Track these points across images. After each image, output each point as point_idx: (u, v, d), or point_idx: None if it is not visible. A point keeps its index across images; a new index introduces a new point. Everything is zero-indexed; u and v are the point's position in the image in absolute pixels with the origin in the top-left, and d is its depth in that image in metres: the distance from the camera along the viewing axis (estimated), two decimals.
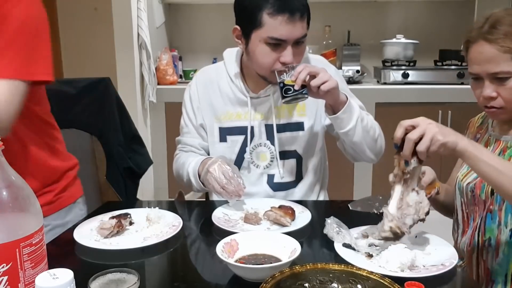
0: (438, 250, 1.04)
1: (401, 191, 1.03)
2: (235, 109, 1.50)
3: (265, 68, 1.38)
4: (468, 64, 1.18)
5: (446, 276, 0.94)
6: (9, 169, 0.78)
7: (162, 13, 3.57)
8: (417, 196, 1.03)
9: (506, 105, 1.14)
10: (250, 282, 0.92)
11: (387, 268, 0.94)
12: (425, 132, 0.99)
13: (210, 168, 1.32)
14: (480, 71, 1.14)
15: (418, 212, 1.02)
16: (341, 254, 1.01)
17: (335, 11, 3.63)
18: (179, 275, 1.07)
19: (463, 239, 1.24)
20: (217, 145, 1.51)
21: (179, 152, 1.57)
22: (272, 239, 1.02)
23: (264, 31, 1.32)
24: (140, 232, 1.19)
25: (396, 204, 1.03)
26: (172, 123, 3.20)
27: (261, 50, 1.35)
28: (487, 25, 1.11)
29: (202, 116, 1.53)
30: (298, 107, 1.49)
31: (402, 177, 1.03)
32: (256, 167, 1.51)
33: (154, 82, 3.26)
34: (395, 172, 1.05)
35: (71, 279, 0.68)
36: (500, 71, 1.10)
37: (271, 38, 1.32)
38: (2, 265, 0.73)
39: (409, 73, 3.23)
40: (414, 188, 1.04)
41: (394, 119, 3.58)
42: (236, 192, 1.29)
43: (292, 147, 1.50)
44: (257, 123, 1.49)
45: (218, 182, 1.29)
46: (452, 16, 3.63)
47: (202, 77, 1.56)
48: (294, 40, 1.33)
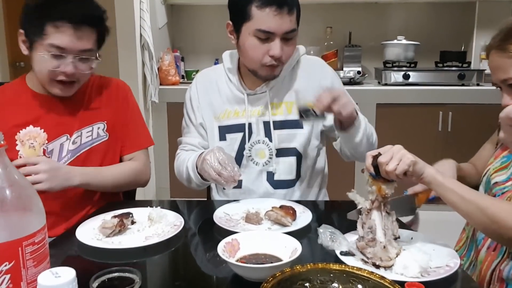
0: (436, 250, 1.04)
1: (382, 216, 1.05)
2: (233, 107, 1.52)
3: (254, 61, 1.39)
4: None
5: (451, 277, 0.93)
6: (12, 168, 0.78)
7: (165, 14, 3.58)
8: (390, 216, 1.07)
9: None
10: (251, 282, 0.92)
11: (407, 275, 0.93)
12: (394, 153, 1.02)
13: (206, 156, 1.33)
14: (494, 79, 1.15)
15: (393, 231, 1.05)
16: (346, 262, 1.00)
17: (337, 13, 3.63)
18: (181, 274, 1.07)
19: (477, 234, 1.22)
20: (217, 143, 1.51)
21: (180, 151, 1.58)
22: (273, 239, 1.03)
23: (252, 23, 1.34)
24: (142, 231, 1.19)
25: (383, 231, 1.04)
26: (174, 123, 3.21)
27: (250, 43, 1.37)
28: (500, 35, 1.11)
29: (202, 115, 1.54)
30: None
31: (382, 202, 1.05)
32: (255, 164, 1.51)
33: (156, 83, 3.26)
34: (372, 198, 1.06)
35: (73, 278, 0.69)
36: (508, 77, 1.10)
37: (259, 31, 1.34)
38: (5, 263, 0.74)
39: (410, 74, 3.24)
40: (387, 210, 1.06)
41: (395, 120, 3.61)
42: (232, 177, 1.29)
43: (291, 144, 1.50)
44: (254, 120, 1.50)
45: (213, 169, 1.30)
46: (452, 17, 3.64)
47: (202, 78, 1.59)
48: (282, 33, 1.34)
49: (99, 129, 1.47)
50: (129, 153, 1.55)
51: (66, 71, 1.33)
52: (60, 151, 1.42)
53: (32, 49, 1.34)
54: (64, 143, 1.42)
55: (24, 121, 1.39)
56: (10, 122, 1.38)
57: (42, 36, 1.30)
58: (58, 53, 1.30)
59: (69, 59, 1.32)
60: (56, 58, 1.31)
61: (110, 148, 1.49)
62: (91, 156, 1.45)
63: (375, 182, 1.05)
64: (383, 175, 1.03)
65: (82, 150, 1.44)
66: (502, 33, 1.11)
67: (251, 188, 1.50)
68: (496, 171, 1.21)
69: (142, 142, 1.58)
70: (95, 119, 1.47)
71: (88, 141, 1.45)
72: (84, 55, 1.34)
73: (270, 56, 1.36)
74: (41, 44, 1.30)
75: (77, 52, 1.32)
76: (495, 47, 1.12)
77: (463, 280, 0.98)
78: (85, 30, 1.32)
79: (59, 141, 1.42)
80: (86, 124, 1.46)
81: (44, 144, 1.40)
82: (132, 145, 1.55)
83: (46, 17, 1.29)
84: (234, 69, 1.52)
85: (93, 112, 1.47)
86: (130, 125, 1.55)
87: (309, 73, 1.53)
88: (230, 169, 1.29)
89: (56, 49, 1.30)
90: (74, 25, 1.30)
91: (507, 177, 1.17)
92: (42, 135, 1.40)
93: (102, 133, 1.48)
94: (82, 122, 1.45)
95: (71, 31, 1.30)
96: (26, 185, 0.80)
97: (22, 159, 1.31)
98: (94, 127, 1.47)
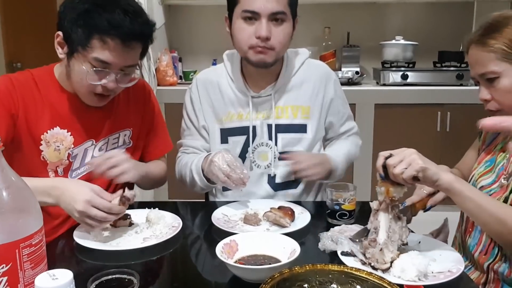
0: (443, 256, 1.04)
1: (389, 219, 1.04)
2: (236, 110, 1.50)
3: (243, 44, 1.39)
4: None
5: (453, 282, 0.93)
6: (9, 170, 0.78)
7: (162, 14, 3.57)
8: (400, 221, 1.05)
9: (502, 108, 1.13)
10: (249, 283, 0.92)
11: (404, 278, 0.93)
12: (404, 156, 1.00)
13: (214, 158, 1.32)
14: (473, 74, 1.16)
15: (401, 237, 1.04)
16: (346, 262, 1.00)
17: (335, 13, 3.63)
18: (179, 275, 1.07)
19: (470, 241, 1.24)
20: (218, 146, 1.51)
21: (181, 154, 1.57)
22: (271, 240, 1.02)
23: (240, 6, 1.36)
24: (140, 233, 1.19)
25: (386, 233, 1.03)
26: (171, 124, 3.17)
27: (238, 26, 1.37)
28: (480, 30, 1.12)
29: (204, 117, 1.53)
30: (303, 109, 1.50)
31: (390, 204, 1.04)
32: (257, 167, 1.51)
33: (154, 83, 3.26)
34: (380, 199, 1.05)
35: (71, 280, 0.69)
36: (486, 72, 1.11)
37: (245, 11, 1.34)
38: (2, 265, 0.73)
39: (408, 75, 3.24)
40: (397, 214, 1.05)
41: (393, 120, 3.61)
42: (241, 180, 1.29)
43: (295, 148, 1.50)
44: (258, 123, 1.49)
45: (222, 171, 1.29)
46: (451, 17, 3.64)
47: (202, 79, 1.57)
48: (268, 13, 1.33)
49: (125, 136, 1.44)
50: (152, 159, 1.53)
51: (108, 87, 1.24)
52: (84, 157, 1.36)
53: (71, 57, 1.22)
54: (88, 149, 1.36)
55: (51, 120, 1.30)
56: (36, 117, 1.28)
57: (86, 48, 1.19)
58: (102, 68, 1.21)
59: (112, 75, 1.23)
60: (98, 73, 1.22)
61: (133, 155, 1.42)
62: None
63: (384, 184, 1.04)
64: (391, 177, 1.02)
65: None
66: (482, 28, 1.12)
67: (252, 190, 1.49)
68: (481, 175, 1.23)
69: (165, 147, 1.57)
70: (123, 126, 1.43)
71: (114, 149, 1.40)
72: (128, 71, 1.27)
73: (257, 38, 1.35)
74: (84, 56, 1.20)
75: (122, 67, 1.24)
76: (474, 41, 1.12)
77: (464, 285, 0.97)
78: (134, 46, 1.23)
79: (84, 146, 1.35)
80: (114, 131, 1.41)
81: (70, 149, 1.32)
82: (156, 152, 1.54)
83: (94, 29, 1.17)
84: (237, 70, 1.50)
85: (121, 119, 1.42)
86: (155, 131, 1.53)
87: (312, 79, 1.52)
88: (240, 171, 1.29)
89: (101, 63, 1.20)
90: (124, 41, 1.19)
91: (492, 180, 1.18)
92: (69, 138, 1.32)
93: (127, 140, 1.44)
94: (110, 129, 1.40)
95: (120, 47, 1.19)
96: (23, 186, 0.79)
97: (101, 158, 1.25)
98: (121, 134, 1.42)
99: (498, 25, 1.09)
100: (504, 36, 1.07)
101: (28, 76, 1.31)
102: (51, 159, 1.31)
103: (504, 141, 1.23)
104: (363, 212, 1.34)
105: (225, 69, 1.54)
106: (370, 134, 3.19)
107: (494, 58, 1.08)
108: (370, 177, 3.16)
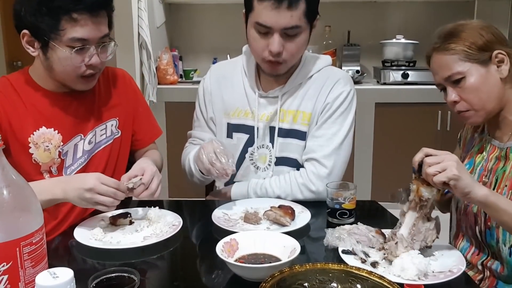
0: (445, 255, 1.04)
1: (415, 217, 1.04)
2: (244, 107, 1.50)
3: (257, 54, 1.39)
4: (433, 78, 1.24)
5: (453, 282, 0.93)
6: (10, 169, 0.78)
7: (163, 12, 3.57)
8: (428, 222, 1.04)
9: (472, 107, 1.17)
10: (249, 282, 0.92)
11: (404, 277, 0.93)
12: (443, 160, 1.00)
13: (204, 144, 1.32)
14: (439, 79, 1.20)
15: (426, 238, 1.03)
16: (346, 260, 1.01)
17: (335, 11, 3.63)
18: (179, 274, 1.07)
19: (461, 245, 1.26)
20: (224, 140, 1.50)
21: (189, 144, 1.58)
22: (271, 238, 1.02)
23: (254, 15, 1.33)
24: (140, 231, 1.19)
25: (408, 230, 1.04)
26: (172, 123, 3.20)
27: (252, 34, 1.36)
28: (440, 38, 1.18)
29: (213, 109, 1.53)
30: (303, 115, 1.47)
31: (419, 204, 1.04)
32: (256, 168, 1.51)
33: (154, 82, 3.26)
34: (410, 197, 1.05)
35: (71, 278, 0.69)
36: (452, 73, 1.16)
37: (257, 24, 1.32)
38: (3, 264, 0.74)
39: (409, 73, 3.24)
40: (427, 215, 1.05)
41: (394, 119, 3.61)
42: (224, 170, 1.28)
43: (291, 155, 1.48)
44: (262, 125, 1.48)
45: (208, 158, 1.29)
46: (451, 16, 3.58)
47: (216, 72, 1.57)
48: (280, 28, 1.30)
49: (112, 126, 1.44)
50: (144, 146, 1.55)
51: (93, 63, 1.25)
52: (75, 153, 1.36)
53: (47, 49, 1.23)
54: (78, 144, 1.37)
55: (36, 121, 1.30)
56: (20, 122, 1.28)
57: (59, 32, 1.20)
58: (81, 46, 1.21)
59: (92, 50, 1.24)
60: (79, 52, 1.23)
61: (122, 144, 1.46)
62: (105, 155, 1.42)
63: (416, 181, 1.04)
64: (423, 175, 1.02)
65: (97, 149, 1.40)
66: (442, 36, 1.19)
67: None
68: None
69: (154, 133, 1.59)
70: (108, 116, 1.43)
71: (103, 140, 1.41)
72: (104, 42, 1.27)
73: (269, 52, 1.34)
74: (60, 41, 1.20)
75: (98, 40, 1.25)
76: (436, 49, 1.19)
77: (465, 284, 0.97)
78: (102, 15, 1.24)
79: (73, 142, 1.36)
80: (100, 122, 1.41)
81: (60, 147, 1.33)
82: (146, 139, 1.55)
83: (59, 10, 1.18)
84: (252, 66, 1.49)
85: (105, 109, 1.43)
86: (141, 118, 1.53)
87: (321, 86, 1.47)
88: (225, 161, 1.28)
89: (78, 42, 1.21)
90: (91, 13, 1.20)
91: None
92: (57, 136, 1.32)
93: (114, 130, 1.44)
94: (96, 120, 1.40)
95: (89, 20, 1.20)
96: (23, 185, 0.79)
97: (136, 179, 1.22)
98: (107, 124, 1.43)
99: (455, 32, 1.17)
100: (463, 39, 1.14)
101: (4, 82, 1.32)
102: (42, 160, 1.31)
103: (480, 143, 1.27)
104: (363, 211, 1.35)
105: (241, 63, 1.53)
106: (371, 133, 3.19)
107: (458, 59, 1.14)
108: (370, 176, 3.16)
